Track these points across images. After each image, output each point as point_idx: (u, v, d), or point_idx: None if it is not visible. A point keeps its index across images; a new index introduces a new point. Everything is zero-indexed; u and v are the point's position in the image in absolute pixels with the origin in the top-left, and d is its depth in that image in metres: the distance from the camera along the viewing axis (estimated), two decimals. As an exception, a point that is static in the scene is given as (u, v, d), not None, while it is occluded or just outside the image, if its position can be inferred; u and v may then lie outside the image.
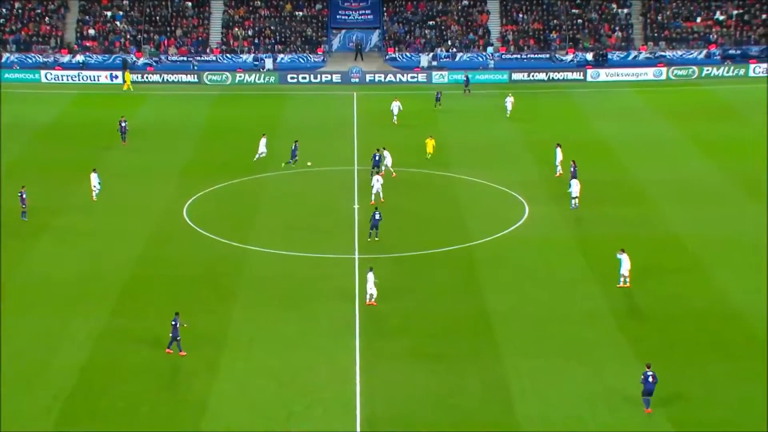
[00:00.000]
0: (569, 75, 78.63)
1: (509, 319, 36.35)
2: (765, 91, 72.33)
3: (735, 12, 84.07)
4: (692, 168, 53.81)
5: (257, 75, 78.73)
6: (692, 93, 72.87)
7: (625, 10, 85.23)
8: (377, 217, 42.98)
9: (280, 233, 44.90)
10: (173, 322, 33.50)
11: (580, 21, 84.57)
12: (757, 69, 77.97)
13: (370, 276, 37.17)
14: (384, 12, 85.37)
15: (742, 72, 77.91)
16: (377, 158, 51.08)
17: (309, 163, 53.91)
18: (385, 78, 78.35)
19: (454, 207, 48.01)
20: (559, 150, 52.43)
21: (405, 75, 78.69)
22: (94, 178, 48.53)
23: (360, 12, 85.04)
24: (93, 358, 33.54)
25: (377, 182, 47.83)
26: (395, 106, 63.45)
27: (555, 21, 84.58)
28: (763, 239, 43.04)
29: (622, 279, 38.77)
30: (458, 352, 34.00)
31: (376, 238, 43.27)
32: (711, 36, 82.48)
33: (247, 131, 62.77)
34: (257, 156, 54.48)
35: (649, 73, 78.43)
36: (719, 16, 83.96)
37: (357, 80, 77.85)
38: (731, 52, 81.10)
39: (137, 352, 34.03)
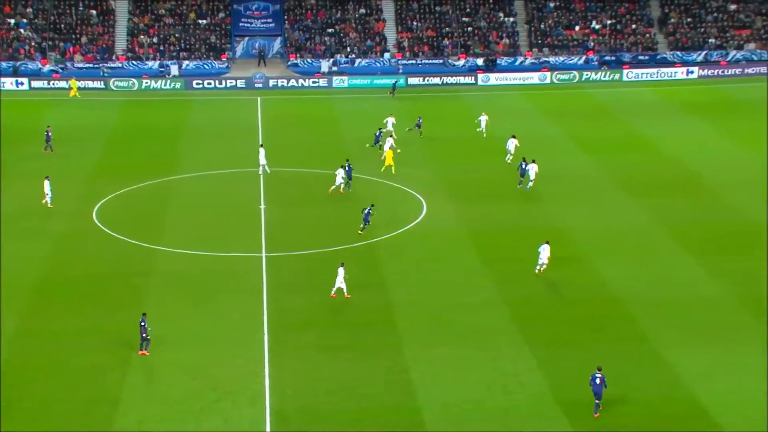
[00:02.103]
0: (461, 79, 79.59)
1: (411, 310, 36.61)
2: (637, 94, 74.68)
3: (609, 21, 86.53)
4: (575, 164, 55.13)
5: (163, 81, 77.32)
6: (573, 95, 74.67)
7: (511, 19, 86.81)
8: (368, 211, 43.51)
9: (190, 233, 44.22)
10: (141, 323, 32.68)
11: (470, 29, 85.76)
12: (629, 74, 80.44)
13: (341, 271, 37.11)
14: (285, 20, 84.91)
15: (617, 77, 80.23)
16: (348, 168, 49.92)
17: (398, 151, 55.01)
18: (287, 83, 77.93)
19: (355, 205, 48.09)
20: (514, 140, 54.27)
21: (307, 80, 78.43)
22: (46, 186, 46.81)
23: (262, 20, 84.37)
24: (5, 358, 32.44)
25: (339, 176, 48.29)
26: (389, 121, 60.78)
27: (447, 28, 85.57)
28: (640, 230, 44.40)
29: (539, 268, 39.23)
30: (363, 343, 34.09)
31: (360, 232, 43.39)
32: (589, 43, 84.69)
33: (154, 135, 61.65)
34: (261, 168, 51.70)
35: (534, 77, 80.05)
36: (595, 25, 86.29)
37: (261, 85, 77.22)
38: (607, 58, 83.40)
39: (49, 351, 33.10)
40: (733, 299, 37.16)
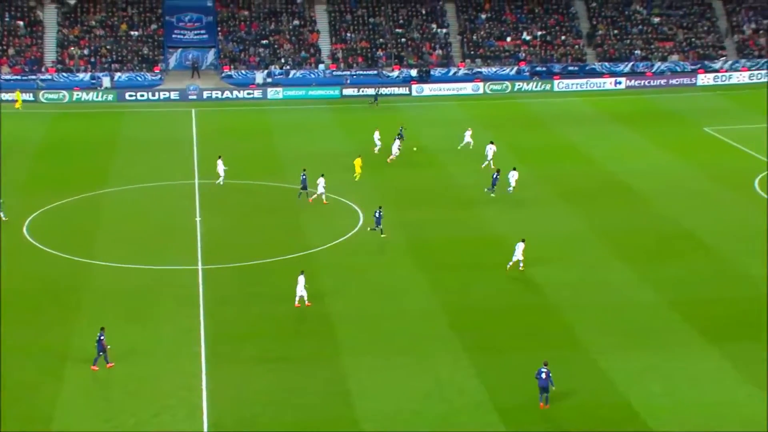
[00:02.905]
0: (396, 90, 79.83)
1: (349, 320, 36.46)
2: (568, 104, 75.85)
3: (539, 33, 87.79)
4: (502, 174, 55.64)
5: (95, 93, 75.93)
6: (506, 106, 75.50)
7: (444, 30, 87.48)
8: (377, 215, 44.43)
9: (124, 247, 43.41)
10: (99, 337, 32.11)
11: (404, 40, 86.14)
12: (560, 84, 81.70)
13: (301, 279, 36.94)
14: (218, 31, 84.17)
15: (548, 87, 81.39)
16: (303, 177, 49.81)
17: (415, 148, 57.31)
18: (222, 95, 77.22)
19: (293, 217, 47.81)
20: (492, 146, 55.28)
21: (241, 91, 77.82)
22: None
23: (195, 32, 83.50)
24: (-69, 379, 31.34)
25: (320, 185, 48.51)
26: (376, 136, 60.46)
27: (381, 40, 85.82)
28: (574, 237, 44.99)
29: (512, 263, 40.20)
30: (301, 354, 33.81)
31: (382, 235, 44.35)
32: (520, 54, 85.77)
33: (86, 148, 60.46)
34: (220, 180, 51.79)
35: (467, 88, 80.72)
36: (526, 37, 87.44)
37: (195, 97, 76.37)
38: (538, 69, 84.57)
39: (-21, 370, 32.05)
40: (665, 304, 37.86)
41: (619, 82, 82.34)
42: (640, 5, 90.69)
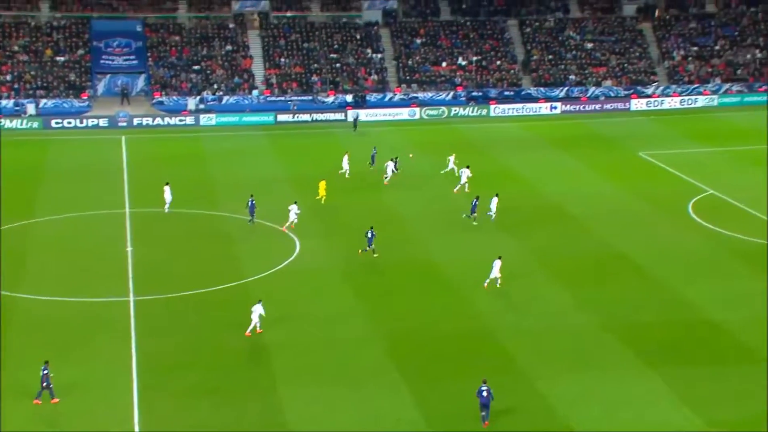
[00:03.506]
0: (331, 116, 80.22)
1: (284, 351, 36.41)
2: (504, 129, 77.14)
3: (475, 58, 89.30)
4: (445, 198, 56.29)
5: (19, 120, 74.74)
6: (442, 131, 76.40)
7: (379, 55, 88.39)
8: (370, 235, 45.62)
9: (52, 279, 42.73)
10: (43, 371, 31.78)
11: (338, 65, 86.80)
12: (496, 109, 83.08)
13: (257, 308, 37.03)
14: (148, 57, 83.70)
15: (484, 112, 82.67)
16: (251, 203, 50.09)
17: (411, 155, 60.92)
18: (153, 121, 76.68)
19: (227, 246, 47.65)
20: (466, 170, 56.73)
21: (173, 118, 77.38)
22: None
23: (124, 57, 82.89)
24: None
25: (292, 212, 49.14)
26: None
27: (315, 65, 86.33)
28: (510, 261, 45.62)
29: (489, 280, 41.88)
30: (236, 385, 33.65)
31: (375, 255, 45.55)
32: (456, 79, 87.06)
33: (10, 177, 59.35)
34: (166, 207, 51.69)
35: (404, 113, 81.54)
36: (462, 62, 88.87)
37: (125, 124, 75.69)
38: (474, 94, 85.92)
39: None
40: (602, 328, 38.65)
41: (555, 107, 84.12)
42: (573, 31, 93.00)
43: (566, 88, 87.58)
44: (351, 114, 77.93)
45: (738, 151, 68.78)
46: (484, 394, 30.76)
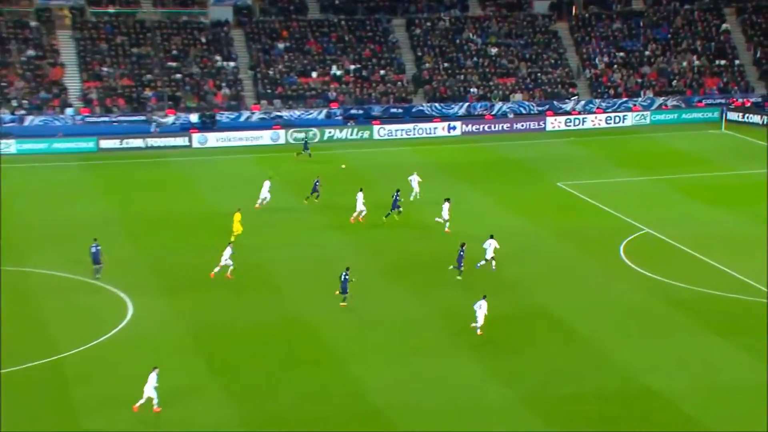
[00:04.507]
0: (171, 141, 79.58)
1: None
2: (392, 155, 77.94)
3: (352, 67, 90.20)
4: (319, 245, 56.34)
5: None
6: (314, 158, 76.52)
7: (232, 64, 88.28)
8: (343, 277, 47.34)
9: None
10: None
11: (179, 76, 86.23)
12: (381, 131, 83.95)
13: (153, 376, 37.44)
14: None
15: (366, 134, 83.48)
16: (95, 249, 49.60)
17: (343, 166, 65.62)
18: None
19: (35, 311, 46.43)
20: (447, 205, 58.35)
21: (-41, 145, 75.23)
22: None
23: None
24: None
25: (225, 255, 50.08)
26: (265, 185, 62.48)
27: (149, 75, 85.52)
28: (408, 320, 45.98)
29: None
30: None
31: (342, 303, 47.43)
32: (330, 93, 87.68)
33: None
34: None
35: (265, 137, 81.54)
36: (336, 71, 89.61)
37: None
38: (353, 111, 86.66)
39: None
40: (518, 402, 39.25)
41: (453, 127, 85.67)
42: (473, 33, 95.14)
43: (467, 104, 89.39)
44: (293, 134, 79.28)
45: (676, 180, 71.40)
46: None
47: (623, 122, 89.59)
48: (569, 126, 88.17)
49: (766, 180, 69.14)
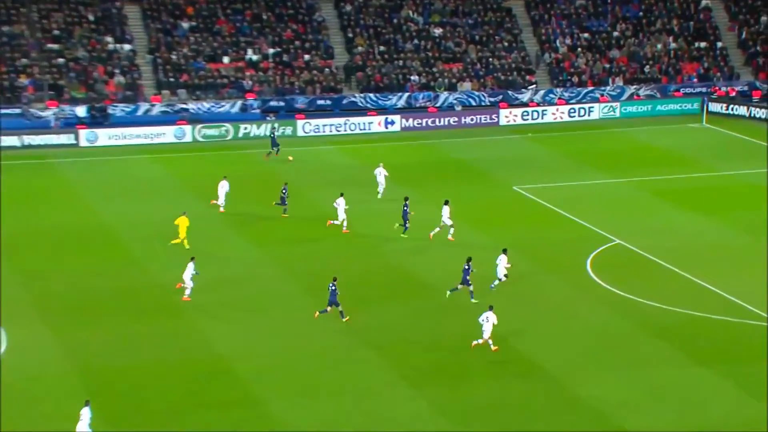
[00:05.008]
0: (54, 139, 78.75)
1: None
2: (319, 155, 77.65)
3: (271, 51, 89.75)
4: (240, 270, 55.87)
5: None
6: (227, 159, 76.02)
7: (126, 46, 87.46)
8: (331, 289, 48.37)
9: None
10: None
11: (61, 60, 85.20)
12: (306, 126, 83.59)
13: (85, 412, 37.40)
14: None
15: (289, 130, 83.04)
16: None
17: (290, 158, 69.82)
18: None
19: None
20: (447, 209, 59.00)
21: None
22: None
23: None
24: None
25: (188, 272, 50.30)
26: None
27: (24, 60, 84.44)
28: (331, 350, 45.80)
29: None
30: None
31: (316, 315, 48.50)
32: (245, 82, 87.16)
33: None
34: None
35: (167, 133, 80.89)
36: (252, 56, 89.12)
37: None
38: (273, 104, 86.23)
39: None
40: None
41: (391, 122, 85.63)
42: (413, 10, 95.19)
43: (406, 95, 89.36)
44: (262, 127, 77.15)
45: (651, 182, 71.94)
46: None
47: (589, 115, 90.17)
48: (526, 120, 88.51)
49: (766, 182, 69.92)
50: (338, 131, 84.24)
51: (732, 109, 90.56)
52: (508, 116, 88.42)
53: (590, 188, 70.62)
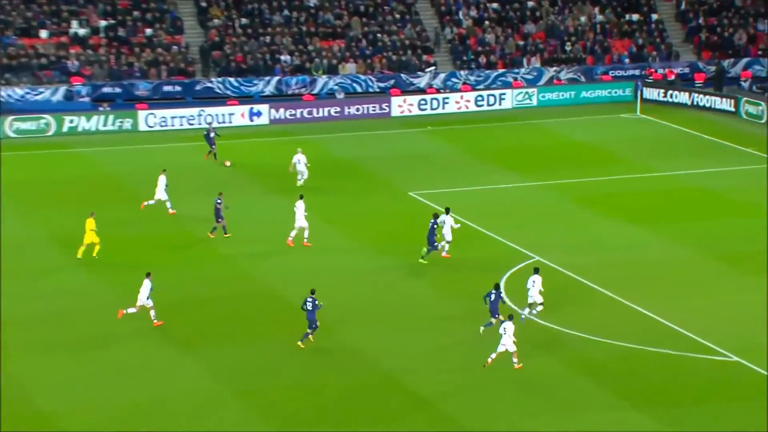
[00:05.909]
0: None
1: None
2: (167, 153, 77.31)
3: (103, 23, 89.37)
4: (63, 303, 55.66)
5: None
6: (43, 161, 75.70)
7: None
8: (310, 307, 49.58)
9: None
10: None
11: None
12: (149, 119, 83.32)
13: None
14: None
15: (127, 124, 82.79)
16: None
17: (227, 163, 73.81)
18: None
19: None
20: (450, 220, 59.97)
21: None
22: None
23: None
24: None
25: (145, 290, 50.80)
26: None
27: None
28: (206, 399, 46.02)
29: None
30: None
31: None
32: (69, 63, 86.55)
33: None
34: None
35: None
36: (79, 30, 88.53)
37: None
38: (107, 90, 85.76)
39: None
40: None
41: (258, 113, 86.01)
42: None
43: (276, 80, 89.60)
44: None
45: (576, 186, 73.11)
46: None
47: (500, 104, 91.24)
48: (424, 110, 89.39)
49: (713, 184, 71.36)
50: (190, 125, 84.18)
51: (671, 96, 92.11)
52: (402, 105, 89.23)
53: (501, 193, 71.33)
